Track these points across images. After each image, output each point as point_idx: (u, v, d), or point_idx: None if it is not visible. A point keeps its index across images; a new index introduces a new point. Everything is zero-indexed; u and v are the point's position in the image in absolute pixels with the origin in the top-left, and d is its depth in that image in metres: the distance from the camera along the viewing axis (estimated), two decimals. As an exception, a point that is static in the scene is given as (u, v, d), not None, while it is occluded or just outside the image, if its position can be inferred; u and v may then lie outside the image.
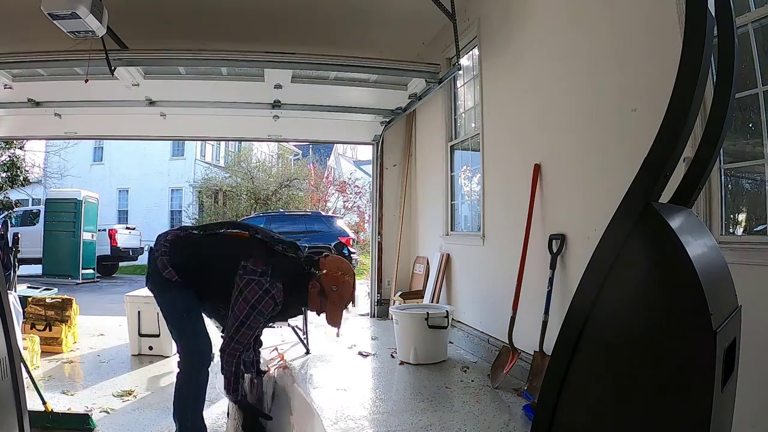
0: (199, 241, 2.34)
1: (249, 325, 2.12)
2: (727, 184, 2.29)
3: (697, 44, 1.14)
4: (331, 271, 2.21)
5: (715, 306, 1.08)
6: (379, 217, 6.54)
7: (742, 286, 1.42)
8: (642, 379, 1.14)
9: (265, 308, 2.12)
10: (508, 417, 2.95)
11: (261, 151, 21.05)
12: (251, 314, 2.10)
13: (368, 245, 10.79)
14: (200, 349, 2.30)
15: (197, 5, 4.61)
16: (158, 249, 2.31)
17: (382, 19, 5.06)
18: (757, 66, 2.10)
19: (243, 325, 2.11)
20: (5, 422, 1.47)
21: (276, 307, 2.17)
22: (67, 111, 5.07)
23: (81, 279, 10.78)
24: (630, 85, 2.66)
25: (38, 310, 4.42)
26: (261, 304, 2.10)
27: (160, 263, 2.27)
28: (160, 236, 2.39)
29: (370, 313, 6.47)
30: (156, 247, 2.33)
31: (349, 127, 6.16)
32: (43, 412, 2.65)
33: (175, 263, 2.26)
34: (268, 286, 2.11)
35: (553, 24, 3.40)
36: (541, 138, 3.51)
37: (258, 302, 2.10)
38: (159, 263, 2.27)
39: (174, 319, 2.33)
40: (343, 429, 2.80)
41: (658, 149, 1.17)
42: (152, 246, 2.38)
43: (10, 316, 1.52)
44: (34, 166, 15.23)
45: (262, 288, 2.11)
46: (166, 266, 2.26)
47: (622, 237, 1.18)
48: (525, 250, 3.54)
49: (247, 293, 2.10)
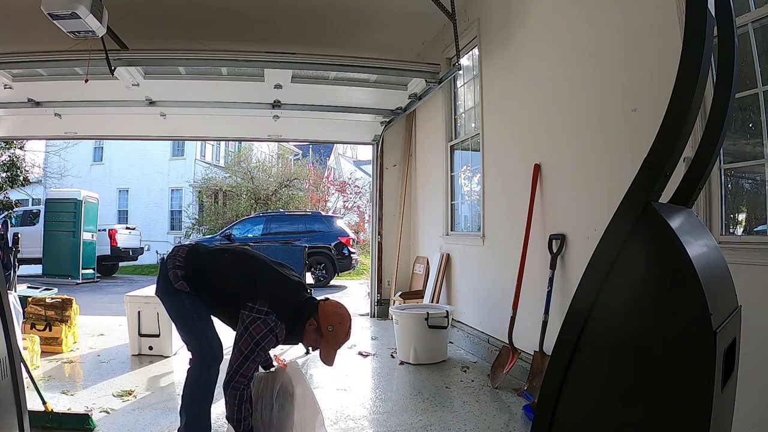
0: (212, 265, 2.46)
1: (253, 359, 2.21)
2: (727, 184, 2.29)
3: (697, 44, 1.14)
4: (330, 313, 2.33)
5: (715, 306, 1.08)
6: (379, 217, 6.54)
7: (742, 286, 1.42)
8: (642, 379, 1.14)
9: (268, 345, 2.23)
10: (508, 417, 2.95)
11: (261, 151, 21.04)
12: (255, 350, 2.20)
13: (368, 245, 10.79)
14: (212, 346, 2.38)
15: (197, 5, 4.61)
16: (172, 263, 2.41)
17: (382, 19, 5.06)
18: (757, 66, 2.09)
19: (247, 360, 2.20)
20: (5, 422, 1.47)
21: (277, 344, 2.29)
22: (67, 111, 5.06)
23: (81, 279, 10.78)
24: (630, 85, 2.66)
25: (38, 310, 4.41)
26: (265, 341, 2.20)
27: (172, 275, 2.37)
28: (175, 248, 2.51)
29: (370, 313, 6.47)
30: (170, 260, 2.43)
31: (349, 127, 6.15)
32: (43, 412, 2.65)
33: (187, 277, 2.37)
34: (273, 326, 2.21)
35: (553, 24, 3.40)
36: (541, 138, 3.51)
37: (263, 339, 2.20)
38: (171, 275, 2.37)
39: (184, 321, 2.40)
40: (343, 429, 2.80)
41: (658, 149, 1.17)
42: (164, 257, 2.49)
43: (10, 316, 1.53)
44: (34, 166, 15.22)
45: (267, 327, 2.20)
46: (178, 279, 2.36)
47: (622, 237, 1.18)
48: (525, 250, 3.54)
49: (252, 330, 2.19)
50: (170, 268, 2.38)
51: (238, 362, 2.19)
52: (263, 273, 2.43)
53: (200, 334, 2.38)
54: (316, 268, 10.84)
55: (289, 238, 10.64)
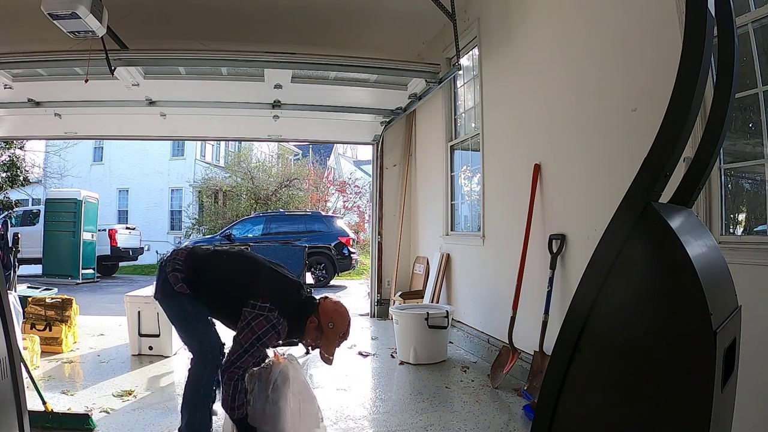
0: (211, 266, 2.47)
1: (252, 353, 2.25)
2: (727, 184, 2.29)
3: (697, 44, 1.14)
4: (330, 311, 2.37)
5: (715, 306, 1.08)
6: (379, 217, 6.54)
7: (742, 286, 1.42)
8: (642, 379, 1.14)
9: (269, 341, 2.27)
10: (508, 417, 2.95)
11: (261, 151, 21.04)
12: (255, 344, 2.24)
13: (368, 245, 10.79)
14: (213, 346, 2.40)
15: (197, 5, 4.61)
16: (171, 266, 2.42)
17: (383, 19, 5.06)
18: (757, 66, 2.09)
19: (246, 353, 2.24)
20: (5, 422, 1.47)
21: (278, 340, 2.33)
22: (67, 111, 5.06)
23: (81, 279, 10.78)
24: (630, 85, 2.66)
25: (38, 310, 4.41)
26: (266, 336, 2.24)
27: (172, 278, 2.38)
28: (174, 252, 2.52)
29: (370, 313, 6.47)
30: (169, 263, 2.44)
31: (349, 127, 6.15)
32: (43, 412, 2.64)
33: (187, 280, 2.38)
34: (275, 322, 2.25)
35: (553, 24, 3.40)
36: (541, 138, 3.51)
37: (264, 335, 2.23)
38: (171, 278, 2.38)
39: (185, 322, 2.42)
40: (343, 429, 2.80)
41: (658, 149, 1.18)
42: (163, 260, 2.50)
43: (10, 316, 1.53)
44: (34, 166, 15.22)
45: (269, 323, 2.24)
46: (178, 281, 2.37)
47: (622, 237, 1.19)
48: (525, 250, 3.54)
49: (255, 325, 2.23)
50: (170, 271, 2.39)
51: (237, 354, 2.23)
52: (263, 273, 2.45)
53: (201, 334, 2.39)
54: (316, 268, 10.84)
55: (289, 238, 10.64)
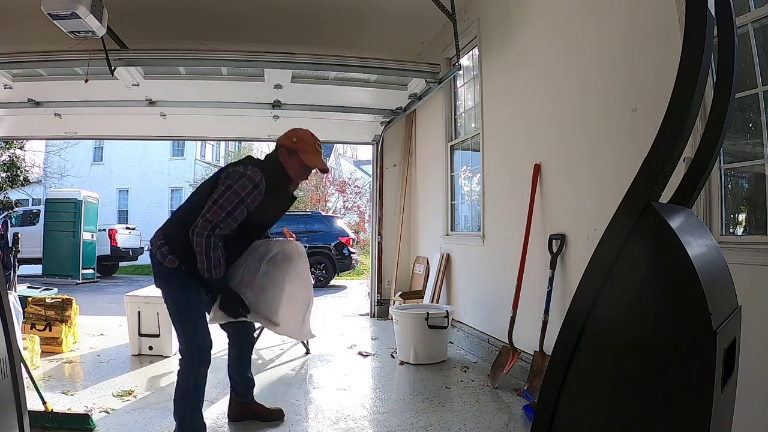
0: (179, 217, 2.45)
1: (234, 217, 2.24)
2: (727, 184, 2.29)
3: (697, 44, 1.14)
4: (285, 135, 2.45)
5: (715, 306, 1.08)
6: (379, 217, 6.54)
7: (742, 286, 1.43)
8: (642, 379, 1.14)
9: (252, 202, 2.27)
10: (508, 417, 2.95)
11: (261, 151, 21.04)
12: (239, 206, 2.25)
13: (368, 245, 10.79)
14: (199, 346, 2.34)
15: (197, 5, 4.61)
16: (155, 245, 2.40)
17: (383, 19, 5.06)
18: (757, 66, 2.09)
19: (216, 204, 2.23)
20: (5, 422, 1.47)
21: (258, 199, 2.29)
22: (67, 111, 5.06)
23: (81, 279, 10.79)
24: (630, 85, 2.66)
25: (38, 310, 4.41)
26: (250, 197, 2.26)
27: (159, 255, 2.35)
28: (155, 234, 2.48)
29: (370, 313, 6.47)
30: (152, 246, 2.41)
31: (349, 127, 6.15)
32: (43, 412, 2.64)
33: (172, 250, 2.34)
34: (258, 181, 2.28)
35: (553, 25, 3.40)
36: (541, 138, 3.51)
37: (247, 196, 2.26)
38: (159, 256, 2.35)
39: (176, 312, 2.38)
40: (343, 429, 2.80)
41: (658, 149, 1.18)
42: (149, 247, 2.47)
43: (10, 316, 1.53)
44: (34, 166, 15.24)
45: (252, 183, 2.27)
46: (165, 255, 2.33)
47: (622, 237, 1.18)
48: (525, 250, 3.54)
49: (237, 187, 2.26)
50: (155, 251, 2.37)
51: (212, 211, 2.21)
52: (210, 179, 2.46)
53: (189, 332, 2.34)
54: (316, 268, 10.84)
55: (288, 238, 10.62)
